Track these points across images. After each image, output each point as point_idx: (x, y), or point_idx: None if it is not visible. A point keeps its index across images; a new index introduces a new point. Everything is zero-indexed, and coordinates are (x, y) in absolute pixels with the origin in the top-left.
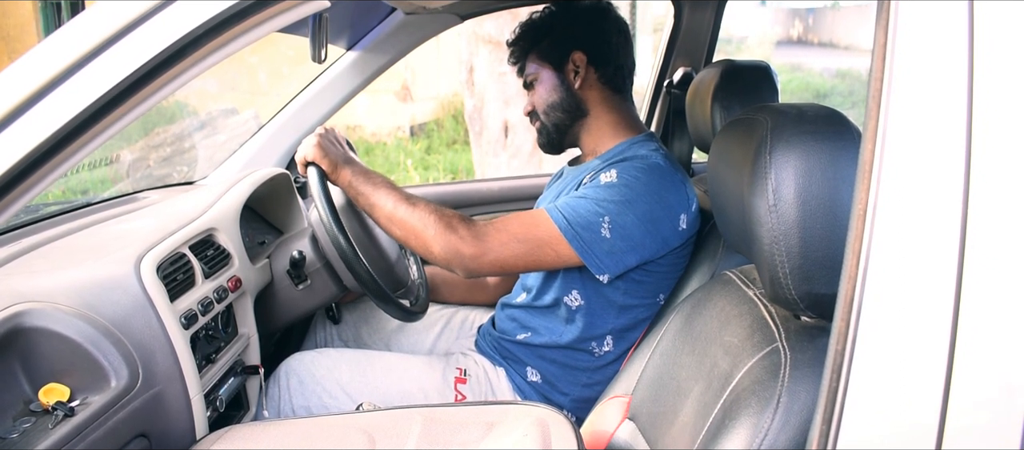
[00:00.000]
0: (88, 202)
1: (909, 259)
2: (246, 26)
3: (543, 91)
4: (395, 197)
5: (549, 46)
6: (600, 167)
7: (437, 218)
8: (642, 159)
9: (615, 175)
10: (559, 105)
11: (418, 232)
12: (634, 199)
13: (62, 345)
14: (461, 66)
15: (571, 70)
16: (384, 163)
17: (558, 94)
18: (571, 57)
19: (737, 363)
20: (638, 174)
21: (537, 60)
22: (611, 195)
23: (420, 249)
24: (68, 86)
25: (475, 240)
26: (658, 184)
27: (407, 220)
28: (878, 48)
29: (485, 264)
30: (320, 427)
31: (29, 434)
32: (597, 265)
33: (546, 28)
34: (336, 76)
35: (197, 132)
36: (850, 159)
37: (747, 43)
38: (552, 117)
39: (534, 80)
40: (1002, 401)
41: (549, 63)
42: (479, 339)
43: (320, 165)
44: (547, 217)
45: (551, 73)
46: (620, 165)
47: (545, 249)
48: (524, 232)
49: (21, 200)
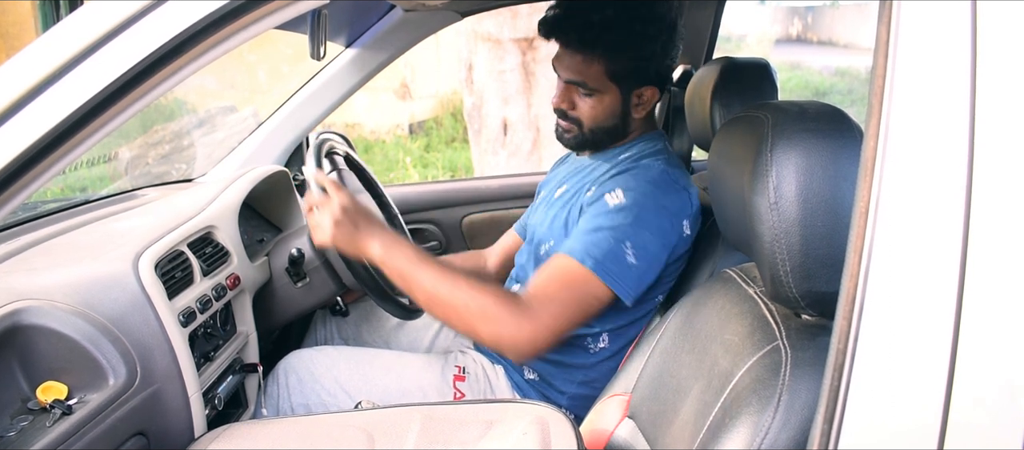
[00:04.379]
0: (86, 199)
1: (911, 257)
2: (244, 22)
3: (600, 109)
4: (433, 274)
5: (628, 72)
6: (605, 177)
7: (480, 302)
8: (644, 169)
9: (622, 195)
10: (612, 129)
11: (462, 316)
12: (645, 216)
13: (60, 343)
14: (460, 64)
15: (636, 99)
16: (383, 161)
17: (615, 119)
18: (643, 91)
19: (737, 361)
20: (643, 187)
21: (607, 77)
22: (624, 219)
23: (466, 333)
24: (65, 82)
25: (524, 321)
26: (662, 194)
27: (449, 302)
28: (880, 45)
29: (543, 345)
30: (319, 425)
31: (27, 432)
32: (628, 293)
33: (636, 54)
34: (335, 73)
35: (196, 130)
36: (851, 156)
37: (746, 41)
38: (597, 134)
39: (593, 91)
40: (1004, 400)
41: (619, 87)
42: None
43: (341, 249)
44: (577, 264)
45: (617, 97)
46: (623, 180)
47: (589, 299)
48: (565, 293)
49: (19, 197)
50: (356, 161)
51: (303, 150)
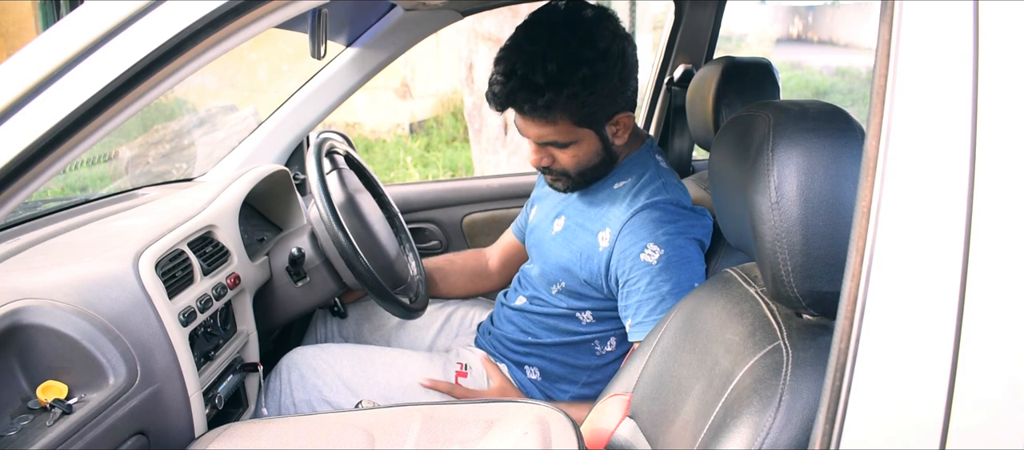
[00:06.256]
0: (86, 199)
1: (914, 256)
2: (244, 21)
3: (581, 155)
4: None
5: (594, 114)
6: (618, 223)
7: None
8: (662, 206)
9: (657, 249)
10: (600, 164)
11: None
12: (682, 258)
13: (60, 342)
14: (461, 63)
15: (612, 130)
16: (383, 160)
17: (599, 156)
18: (617, 119)
19: (738, 361)
20: (671, 230)
21: (575, 126)
22: (670, 274)
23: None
24: (65, 81)
25: None
26: (687, 224)
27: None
28: (882, 44)
29: None
30: (319, 425)
31: (27, 432)
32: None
33: (594, 98)
34: (335, 73)
35: (196, 129)
36: (853, 156)
37: (747, 40)
38: (586, 174)
39: (567, 143)
40: (1007, 400)
41: (591, 128)
42: (479, 336)
43: None
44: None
45: (593, 138)
46: (650, 230)
47: None
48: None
49: (19, 196)
50: (356, 160)
51: (303, 149)
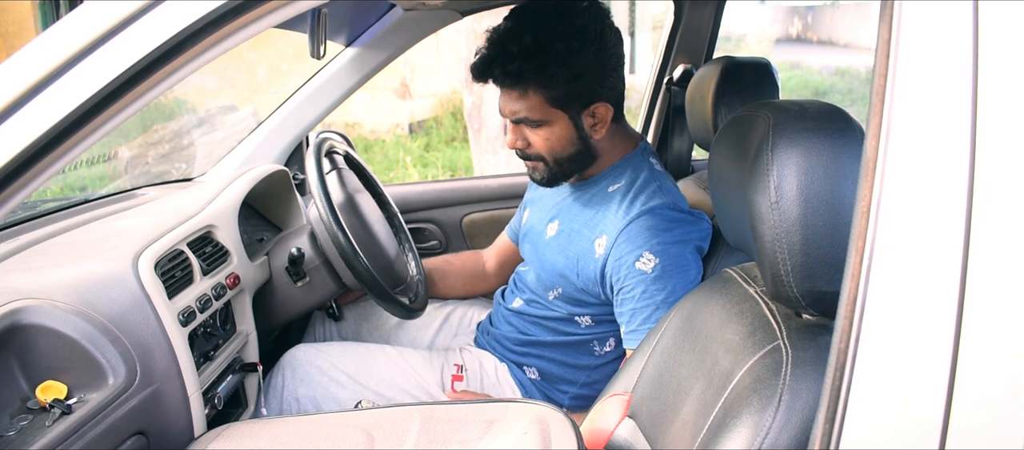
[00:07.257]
0: (86, 199)
1: (913, 256)
2: (244, 21)
3: (554, 139)
4: None
5: (569, 95)
6: (614, 229)
7: None
8: (659, 212)
9: (652, 258)
10: (576, 155)
11: None
12: (678, 266)
13: (59, 342)
14: (460, 63)
15: (589, 121)
16: (383, 160)
17: (574, 145)
18: (594, 109)
19: (738, 361)
20: (668, 238)
21: (548, 104)
22: (665, 283)
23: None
24: (64, 81)
25: None
26: (683, 230)
27: None
28: (882, 44)
29: None
30: (319, 425)
31: (26, 432)
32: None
33: (568, 75)
34: (335, 73)
35: (195, 129)
36: (853, 156)
37: (746, 40)
38: (563, 164)
39: (539, 123)
40: (1007, 399)
41: (566, 112)
42: (478, 336)
43: None
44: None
45: (566, 123)
46: (646, 238)
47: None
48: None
49: (18, 196)
50: (356, 160)
51: (303, 149)
